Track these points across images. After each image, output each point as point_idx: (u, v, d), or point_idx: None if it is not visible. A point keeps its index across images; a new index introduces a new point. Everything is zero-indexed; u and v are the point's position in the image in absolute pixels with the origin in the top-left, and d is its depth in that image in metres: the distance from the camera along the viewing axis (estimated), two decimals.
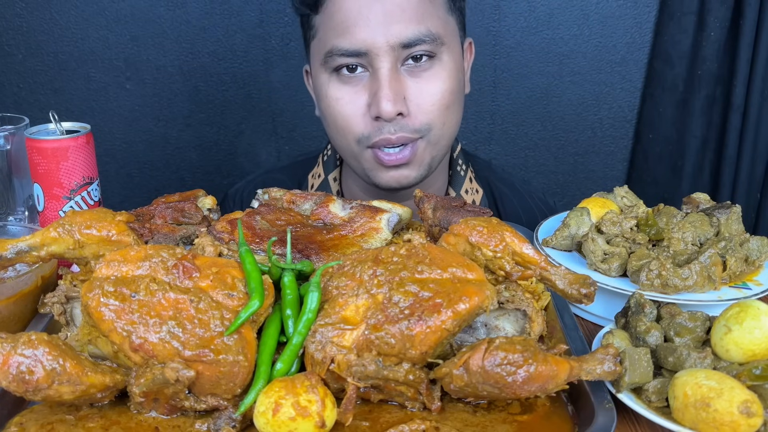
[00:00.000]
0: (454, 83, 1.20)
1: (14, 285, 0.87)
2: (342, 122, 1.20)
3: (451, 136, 1.25)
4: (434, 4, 1.17)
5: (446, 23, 1.19)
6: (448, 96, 1.19)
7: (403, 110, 1.15)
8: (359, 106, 1.17)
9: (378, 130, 1.17)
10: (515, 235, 0.83)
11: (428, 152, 1.22)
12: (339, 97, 1.18)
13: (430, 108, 1.18)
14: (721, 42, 2.11)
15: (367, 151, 1.20)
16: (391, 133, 1.16)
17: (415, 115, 1.17)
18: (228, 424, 0.71)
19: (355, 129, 1.19)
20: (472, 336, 0.82)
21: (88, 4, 2.07)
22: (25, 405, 0.75)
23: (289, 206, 1.03)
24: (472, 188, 1.39)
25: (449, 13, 1.21)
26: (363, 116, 1.18)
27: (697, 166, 2.25)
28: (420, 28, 1.14)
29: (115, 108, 2.19)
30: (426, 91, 1.17)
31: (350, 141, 1.21)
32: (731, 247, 0.98)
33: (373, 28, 1.12)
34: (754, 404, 0.67)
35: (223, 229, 0.92)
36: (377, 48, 1.13)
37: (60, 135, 1.02)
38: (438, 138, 1.21)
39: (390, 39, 1.13)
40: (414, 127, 1.18)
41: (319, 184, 1.40)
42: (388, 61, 1.14)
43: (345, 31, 1.14)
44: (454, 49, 1.21)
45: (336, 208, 1.00)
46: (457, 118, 1.25)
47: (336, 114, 1.20)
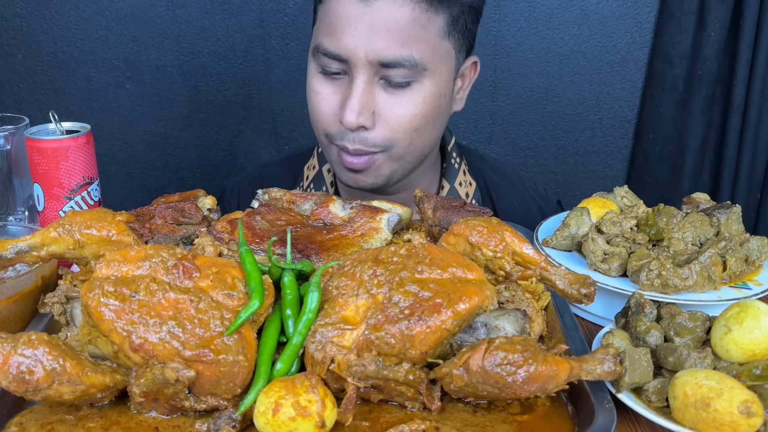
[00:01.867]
0: (428, 108, 1.19)
1: (14, 285, 0.87)
2: (315, 115, 1.23)
3: (418, 154, 1.24)
4: (426, 28, 1.14)
5: (436, 48, 1.16)
6: (418, 120, 1.18)
7: (367, 124, 1.16)
8: (332, 105, 1.19)
9: (341, 135, 1.19)
10: (515, 235, 0.83)
11: (387, 166, 1.22)
12: (318, 91, 1.21)
13: (396, 127, 1.18)
14: (721, 42, 2.11)
15: (332, 146, 1.23)
16: (350, 142, 1.18)
17: (379, 130, 1.17)
18: (228, 424, 0.71)
19: (324, 125, 1.21)
20: (472, 336, 0.82)
21: (88, 4, 2.07)
22: (25, 405, 0.75)
23: (289, 206, 1.03)
24: (466, 181, 1.39)
25: (444, 37, 1.17)
26: (334, 116, 1.19)
27: (697, 166, 2.25)
28: (402, 51, 1.12)
29: (115, 108, 2.19)
30: (396, 110, 1.16)
31: (320, 133, 1.24)
32: (731, 247, 0.98)
33: (357, 39, 1.12)
34: (754, 404, 0.67)
35: (223, 229, 0.92)
36: (356, 59, 1.13)
37: (60, 135, 1.02)
38: (401, 155, 1.21)
39: (369, 54, 1.12)
40: (374, 142, 1.18)
41: (314, 176, 1.41)
42: (364, 74, 1.14)
43: (331, 34, 1.15)
44: (441, 74, 1.19)
45: (336, 208, 1.00)
46: (427, 139, 1.23)
47: (312, 106, 1.23)
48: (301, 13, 2.13)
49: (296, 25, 2.14)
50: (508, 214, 1.35)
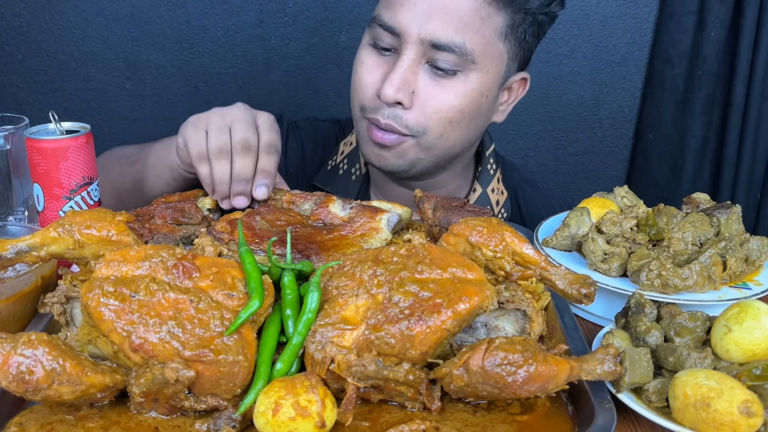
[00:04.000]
0: (468, 104, 1.18)
1: (14, 285, 0.87)
2: (356, 84, 1.23)
3: (448, 149, 1.23)
4: (485, 21, 1.14)
5: (489, 45, 1.16)
6: (454, 113, 1.18)
7: (404, 101, 1.15)
8: (374, 78, 1.19)
9: (375, 109, 1.19)
10: (515, 235, 0.83)
11: (414, 152, 1.21)
12: (364, 62, 1.21)
13: (432, 114, 1.17)
14: (721, 42, 2.11)
15: (364, 121, 1.23)
16: (384, 117, 1.18)
17: (414, 113, 1.17)
18: (228, 424, 0.71)
19: (361, 96, 1.21)
20: (472, 336, 0.82)
21: (88, 4, 2.07)
22: (25, 405, 0.75)
23: (289, 206, 1.03)
24: (499, 189, 1.39)
25: (500, 38, 1.17)
26: (373, 89, 1.19)
27: (697, 166, 2.25)
28: (455, 37, 1.12)
29: (115, 108, 2.18)
30: (436, 97, 1.16)
31: (355, 105, 1.24)
32: (731, 247, 0.98)
33: (414, 15, 1.12)
34: (754, 404, 0.67)
35: (223, 230, 0.92)
36: (408, 35, 1.13)
37: (60, 135, 1.02)
38: (430, 145, 1.20)
39: (422, 32, 1.12)
40: (406, 123, 1.17)
41: (350, 151, 1.41)
42: (413, 52, 1.14)
43: (391, 6, 1.15)
44: (489, 73, 1.18)
45: (336, 209, 1.00)
46: (460, 137, 1.23)
47: (356, 75, 1.23)
48: (301, 13, 2.13)
49: (296, 25, 2.14)
50: (535, 223, 1.35)
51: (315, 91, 2.20)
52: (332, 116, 1.59)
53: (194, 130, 1.07)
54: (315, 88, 2.20)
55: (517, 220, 1.40)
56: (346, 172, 1.40)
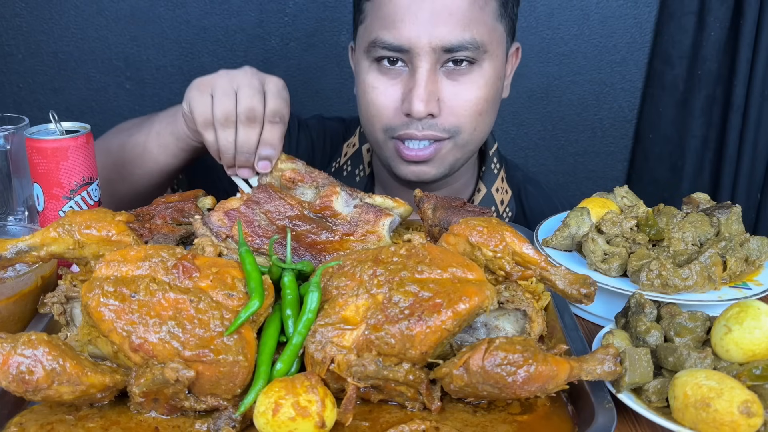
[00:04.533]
0: (490, 91, 1.20)
1: (14, 285, 0.87)
2: (373, 110, 1.22)
3: (479, 141, 1.26)
4: (484, 10, 1.16)
5: (493, 31, 1.18)
6: (482, 103, 1.19)
7: (434, 111, 1.16)
8: (393, 99, 1.19)
9: (405, 125, 1.18)
10: (515, 235, 0.83)
11: (453, 154, 1.23)
12: (375, 86, 1.20)
13: (463, 112, 1.18)
14: (721, 42, 2.11)
15: (390, 142, 1.22)
16: (419, 130, 1.18)
17: (446, 116, 1.18)
18: (228, 424, 0.71)
19: (384, 119, 1.21)
20: (472, 336, 0.82)
21: (88, 4, 2.07)
22: (25, 405, 0.75)
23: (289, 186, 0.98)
24: (503, 188, 1.40)
25: (498, 20, 1.19)
26: (395, 109, 1.19)
27: (697, 166, 2.24)
28: (465, 34, 1.13)
29: (115, 108, 2.18)
30: (461, 96, 1.17)
31: (377, 129, 1.23)
32: (731, 247, 0.98)
33: (419, 27, 1.12)
34: (754, 404, 0.67)
35: (221, 223, 0.91)
36: (419, 47, 1.13)
37: (60, 135, 1.02)
38: (466, 142, 1.22)
39: (433, 41, 1.13)
40: (443, 127, 1.19)
41: (353, 153, 1.41)
42: (428, 62, 1.14)
43: (391, 25, 1.15)
44: (497, 56, 1.20)
45: (339, 205, 0.96)
46: (488, 124, 1.25)
47: (369, 101, 1.22)
48: (301, 13, 2.13)
49: (296, 25, 2.14)
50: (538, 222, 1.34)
51: (315, 91, 2.20)
52: (334, 115, 1.59)
53: (199, 94, 1.04)
54: (315, 88, 2.20)
55: (521, 219, 1.40)
56: (351, 173, 1.40)
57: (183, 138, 1.14)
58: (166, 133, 1.16)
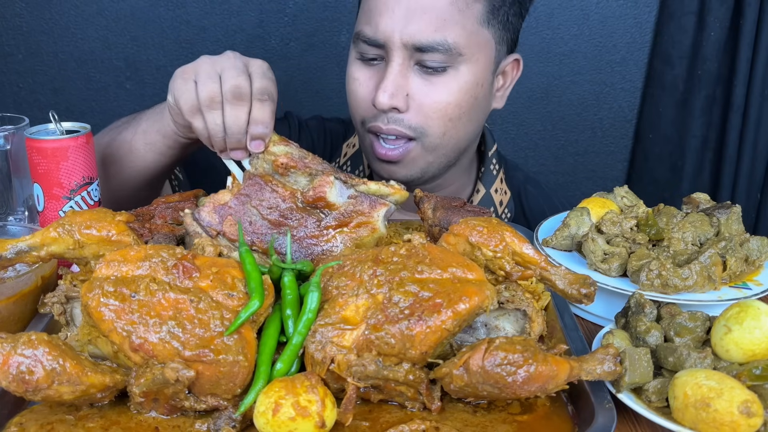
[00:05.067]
0: (464, 97, 1.18)
1: (14, 285, 0.87)
2: (353, 101, 1.24)
3: (453, 147, 1.24)
4: (464, 13, 1.14)
5: (473, 35, 1.16)
6: (452, 109, 1.18)
7: (399, 105, 1.16)
8: (368, 90, 1.20)
9: (374, 117, 1.19)
10: (515, 235, 0.83)
11: (423, 157, 1.22)
12: (356, 77, 1.22)
13: (431, 113, 1.17)
14: (721, 42, 2.11)
15: (367, 136, 1.23)
16: (384, 123, 1.18)
17: (413, 114, 1.17)
18: (228, 424, 0.71)
19: (360, 110, 1.23)
20: (472, 336, 0.82)
21: (88, 4, 2.07)
22: (25, 405, 0.75)
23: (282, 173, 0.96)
24: (502, 189, 1.39)
25: (483, 25, 1.17)
26: (369, 101, 1.19)
27: (697, 166, 2.24)
28: (436, 36, 1.12)
29: (115, 108, 2.18)
30: (430, 96, 1.17)
31: (357, 120, 1.25)
32: (731, 247, 0.98)
33: (393, 22, 1.13)
34: (754, 404, 0.67)
35: (210, 218, 0.91)
36: (392, 42, 1.14)
37: (60, 135, 1.02)
38: (435, 145, 1.21)
39: (404, 37, 1.13)
40: (409, 125, 1.18)
41: (353, 153, 1.42)
42: (399, 57, 1.14)
43: (371, 19, 1.16)
44: (478, 62, 1.18)
45: (333, 196, 0.93)
46: (463, 131, 1.23)
47: (350, 92, 1.24)
48: (301, 13, 2.13)
49: (296, 25, 2.14)
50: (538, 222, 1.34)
51: (315, 91, 2.20)
52: (333, 116, 1.59)
53: (183, 82, 1.02)
54: (315, 88, 2.20)
55: (521, 220, 1.40)
56: (350, 173, 1.40)
57: (170, 135, 1.12)
58: (153, 131, 1.15)
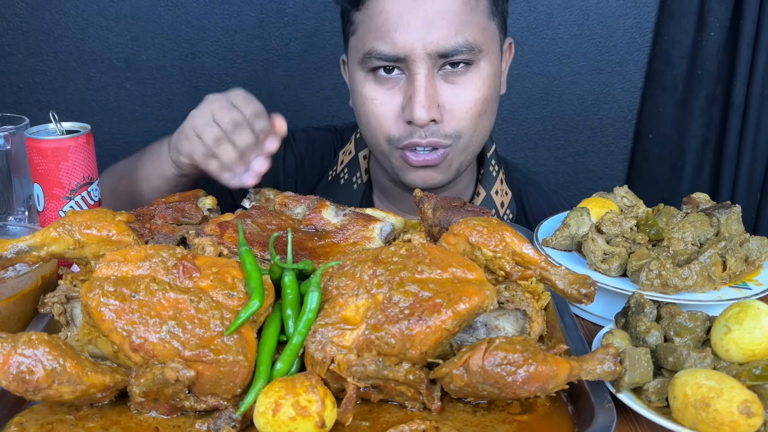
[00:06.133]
0: (488, 90, 1.20)
1: (14, 285, 0.87)
2: (375, 122, 1.21)
3: (481, 142, 1.26)
4: (475, 11, 1.16)
5: (486, 29, 1.18)
6: (481, 104, 1.19)
7: (436, 117, 1.16)
8: (393, 108, 1.18)
9: (409, 134, 1.18)
10: (515, 235, 0.83)
11: (457, 158, 1.23)
12: (374, 97, 1.19)
13: (463, 115, 1.18)
14: (721, 42, 2.11)
15: (396, 152, 1.22)
16: (422, 137, 1.18)
17: (447, 121, 1.18)
18: (228, 424, 0.71)
19: (386, 130, 1.20)
20: (472, 336, 0.82)
21: (88, 4, 2.07)
22: (25, 405, 0.75)
23: (281, 209, 1.03)
24: (502, 190, 1.39)
25: (490, 18, 1.19)
26: (396, 118, 1.18)
27: (697, 166, 2.24)
28: (458, 38, 1.13)
29: (115, 108, 2.18)
30: (460, 98, 1.17)
31: (381, 140, 1.22)
32: (731, 247, 0.98)
33: (413, 34, 1.12)
34: (754, 404, 0.67)
35: (213, 232, 0.92)
36: (415, 54, 1.13)
37: (60, 135, 1.02)
38: (467, 144, 1.22)
39: (428, 46, 1.13)
40: (445, 133, 1.18)
41: (350, 160, 1.41)
42: (425, 67, 1.14)
43: (385, 35, 1.14)
44: (493, 54, 1.20)
45: (329, 215, 0.99)
46: (489, 124, 1.25)
47: (369, 113, 1.21)
48: (301, 13, 2.13)
49: (296, 25, 2.14)
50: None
51: (315, 91, 2.20)
52: (332, 117, 1.59)
53: (187, 141, 1.10)
54: (315, 88, 2.20)
55: (522, 221, 1.40)
56: (348, 181, 1.40)
57: (172, 177, 1.19)
58: (154, 176, 1.21)
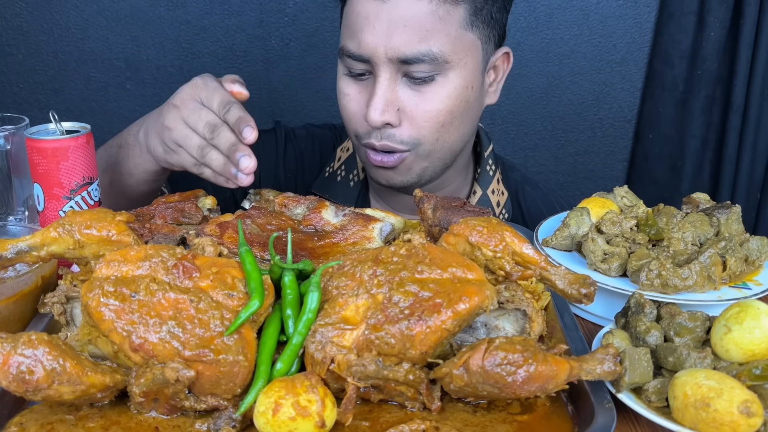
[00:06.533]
0: (455, 103, 1.18)
1: (14, 285, 0.87)
2: (345, 116, 1.24)
3: (448, 150, 1.24)
4: (445, 21, 1.13)
5: (458, 40, 1.15)
6: (444, 116, 1.18)
7: (392, 120, 1.16)
8: (359, 105, 1.20)
9: (368, 133, 1.20)
10: (515, 235, 0.83)
11: (417, 164, 1.22)
12: (346, 92, 1.22)
13: (423, 123, 1.17)
14: (721, 42, 2.11)
15: (362, 148, 1.24)
16: (377, 139, 1.18)
17: (405, 127, 1.18)
18: (228, 424, 0.71)
19: (353, 125, 1.23)
20: (472, 336, 0.82)
21: (88, 4, 2.07)
22: (25, 405, 0.75)
23: (281, 209, 1.03)
24: (499, 189, 1.39)
25: (467, 28, 1.16)
26: (361, 116, 1.20)
27: (697, 166, 2.25)
28: (420, 47, 1.12)
29: (115, 108, 2.19)
30: (421, 107, 1.16)
31: (352, 134, 1.25)
32: (731, 247, 0.98)
33: (376, 37, 1.12)
34: (754, 404, 0.67)
35: (212, 233, 0.92)
36: (377, 57, 1.13)
37: (60, 135, 1.02)
38: (429, 152, 1.21)
39: (388, 51, 1.12)
40: (401, 139, 1.18)
41: (347, 157, 1.42)
42: (386, 71, 1.14)
43: (353, 34, 1.15)
44: (466, 66, 1.18)
45: (329, 215, 0.99)
46: (457, 134, 1.23)
47: (342, 107, 1.24)
48: (301, 13, 2.13)
49: (296, 25, 2.14)
50: (537, 222, 1.35)
51: (315, 91, 2.21)
52: (333, 117, 1.59)
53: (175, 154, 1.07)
54: (315, 88, 2.20)
55: (519, 220, 1.40)
56: (345, 178, 1.40)
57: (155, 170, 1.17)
58: (139, 171, 1.19)
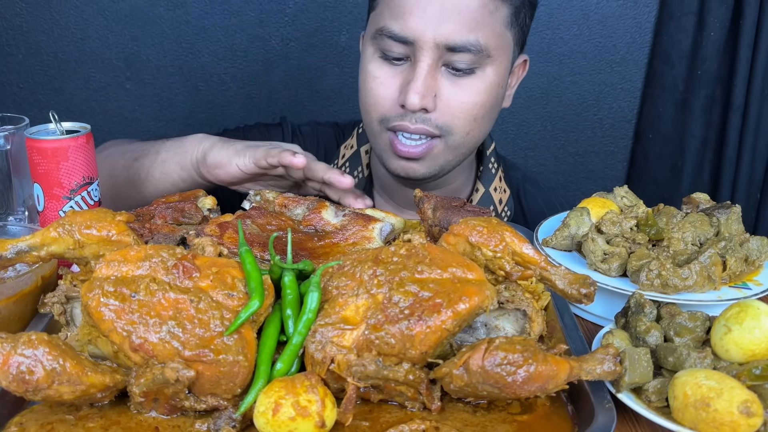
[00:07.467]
0: (488, 98, 1.20)
1: (14, 285, 0.87)
2: (371, 99, 1.22)
3: (472, 146, 1.26)
4: (494, 16, 1.16)
5: (500, 37, 1.18)
6: (478, 109, 1.19)
7: (429, 106, 1.16)
8: (391, 90, 1.19)
9: (400, 116, 1.19)
10: (515, 235, 0.83)
11: (444, 155, 1.23)
12: (377, 75, 1.21)
13: (458, 113, 1.18)
14: (721, 42, 2.11)
15: (385, 133, 1.23)
16: (412, 122, 1.18)
17: (440, 113, 1.18)
18: (228, 424, 0.71)
19: (380, 110, 1.21)
20: (472, 336, 0.82)
21: (88, 4, 2.07)
22: (25, 405, 0.75)
23: (281, 210, 1.03)
24: (501, 187, 1.40)
25: (507, 27, 1.19)
26: (392, 100, 1.19)
27: (697, 166, 2.25)
28: (470, 36, 1.13)
29: (115, 108, 2.18)
30: (458, 97, 1.17)
31: (373, 119, 1.23)
32: (731, 247, 0.98)
33: (426, 21, 1.13)
34: (753, 404, 0.67)
35: (212, 233, 0.92)
36: (423, 41, 1.14)
37: (60, 135, 1.02)
38: (458, 144, 1.22)
39: (437, 37, 1.13)
40: (436, 124, 1.19)
41: (351, 155, 1.42)
42: (430, 57, 1.14)
43: (399, 16, 1.15)
44: (501, 64, 1.20)
45: (328, 215, 0.99)
46: (483, 131, 1.25)
47: (368, 90, 1.22)
48: (301, 13, 2.13)
49: (296, 25, 2.14)
50: (538, 221, 1.35)
51: (315, 91, 2.20)
52: (333, 117, 1.60)
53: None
54: (315, 88, 2.20)
55: (520, 219, 1.41)
56: (349, 174, 1.40)
57: (187, 169, 1.19)
58: (173, 162, 1.21)
